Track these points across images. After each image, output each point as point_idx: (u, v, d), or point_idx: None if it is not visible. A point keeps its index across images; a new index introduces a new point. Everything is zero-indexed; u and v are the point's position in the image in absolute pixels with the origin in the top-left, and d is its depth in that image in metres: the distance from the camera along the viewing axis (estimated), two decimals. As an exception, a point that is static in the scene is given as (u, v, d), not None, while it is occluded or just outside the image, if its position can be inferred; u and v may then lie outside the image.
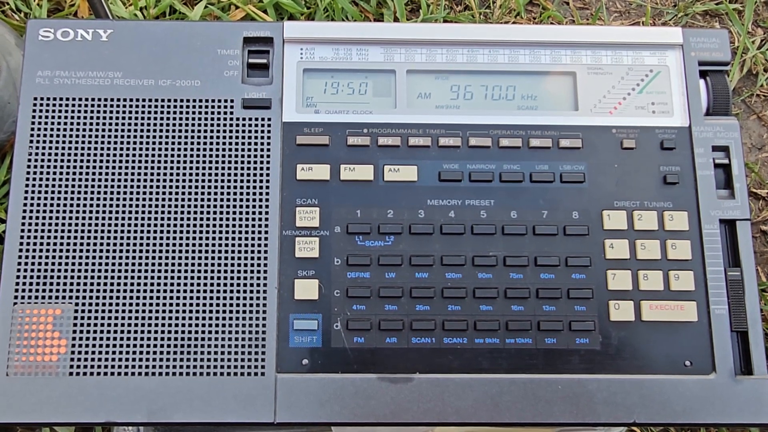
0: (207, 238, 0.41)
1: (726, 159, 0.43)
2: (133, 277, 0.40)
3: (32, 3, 0.74)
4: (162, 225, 0.41)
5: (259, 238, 0.41)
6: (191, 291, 0.40)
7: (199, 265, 0.41)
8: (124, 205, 0.41)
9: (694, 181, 0.43)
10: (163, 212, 0.41)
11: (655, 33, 0.45)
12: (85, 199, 0.41)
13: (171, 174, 0.42)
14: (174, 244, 0.41)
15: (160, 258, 0.41)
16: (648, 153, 0.43)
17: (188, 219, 0.41)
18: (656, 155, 0.43)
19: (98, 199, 0.41)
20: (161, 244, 0.41)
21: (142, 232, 0.41)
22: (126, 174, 0.42)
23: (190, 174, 0.42)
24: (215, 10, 0.74)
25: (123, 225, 0.41)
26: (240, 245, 0.41)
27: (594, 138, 0.43)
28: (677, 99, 0.44)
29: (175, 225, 0.41)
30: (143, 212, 0.41)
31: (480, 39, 0.44)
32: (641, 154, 0.43)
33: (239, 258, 0.41)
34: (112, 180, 0.42)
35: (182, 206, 0.42)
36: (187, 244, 0.41)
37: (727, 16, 0.80)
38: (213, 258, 0.41)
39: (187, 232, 0.41)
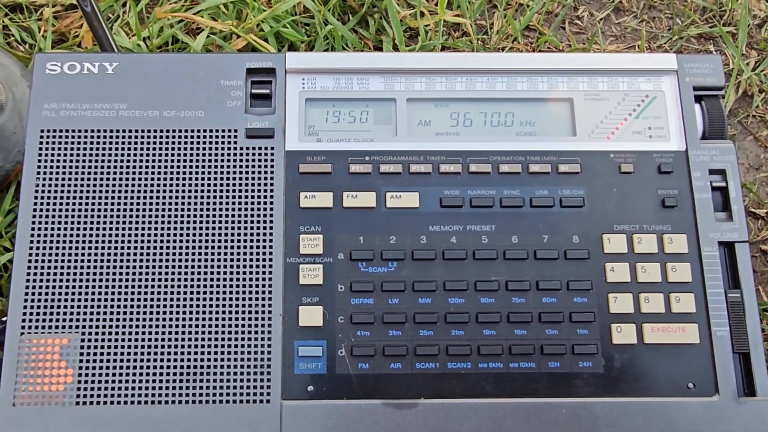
0: (211, 266, 0.42)
1: (723, 182, 0.44)
2: (138, 306, 0.41)
3: (37, 35, 0.75)
4: (167, 254, 0.42)
5: (264, 266, 0.42)
6: (196, 319, 0.41)
7: (204, 293, 0.41)
8: (130, 235, 0.42)
9: (692, 204, 0.44)
10: (167, 241, 0.42)
11: (650, 59, 0.46)
12: (91, 229, 0.42)
13: (176, 203, 0.43)
14: (178, 273, 0.41)
15: (165, 287, 0.41)
16: (646, 177, 0.44)
17: (193, 247, 0.42)
18: (654, 179, 0.44)
19: (104, 229, 0.42)
20: (166, 273, 0.41)
21: (147, 261, 0.42)
22: (132, 204, 0.42)
23: (195, 203, 0.43)
24: (217, 39, 0.75)
25: (129, 254, 0.42)
26: (244, 273, 0.42)
27: (592, 163, 0.44)
28: (673, 123, 0.45)
29: (179, 253, 0.42)
30: (149, 242, 0.42)
31: (478, 67, 0.45)
32: (639, 178, 0.44)
33: (244, 286, 0.41)
34: (118, 210, 0.42)
35: (187, 235, 0.42)
36: (192, 272, 0.41)
37: (721, 39, 0.81)
38: (218, 286, 0.41)
39: (192, 260, 0.42)
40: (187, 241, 0.42)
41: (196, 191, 0.43)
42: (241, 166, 0.43)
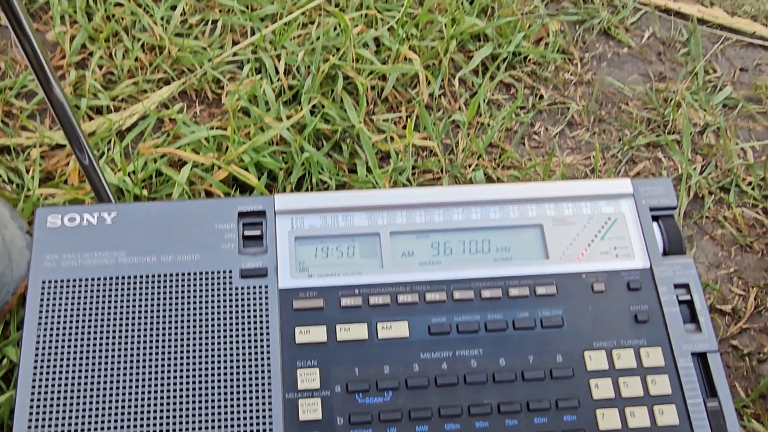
0: (212, 407, 0.42)
1: (688, 295, 0.47)
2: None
3: (25, 175, 0.78)
4: (167, 397, 0.42)
5: (263, 404, 0.43)
6: (197, 463, 0.41)
7: (204, 435, 0.42)
8: (131, 380, 0.43)
9: (663, 318, 0.47)
10: (168, 384, 0.43)
11: (608, 185, 0.50)
12: (93, 376, 0.43)
13: (175, 346, 0.44)
14: (179, 416, 0.42)
15: (166, 430, 0.42)
16: (617, 294, 0.47)
17: (193, 389, 0.43)
18: (625, 296, 0.47)
19: (106, 375, 0.43)
20: (168, 417, 0.42)
21: (149, 406, 0.42)
22: (132, 349, 0.44)
23: (194, 345, 0.44)
24: (200, 171, 0.79)
25: (130, 400, 0.42)
26: (245, 411, 0.42)
27: (566, 284, 0.47)
28: (636, 242, 0.49)
29: (180, 396, 0.43)
30: (150, 387, 0.43)
31: (453, 200, 0.49)
32: (611, 296, 0.47)
33: (245, 424, 0.42)
34: (119, 356, 0.43)
35: (187, 377, 0.43)
36: (194, 414, 0.42)
37: (667, 146, 0.88)
38: (218, 427, 0.42)
39: (193, 402, 0.42)
40: (188, 382, 0.43)
41: (194, 333, 0.44)
42: (237, 306, 0.45)
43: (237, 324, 0.45)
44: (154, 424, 0.42)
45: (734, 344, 0.72)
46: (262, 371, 0.43)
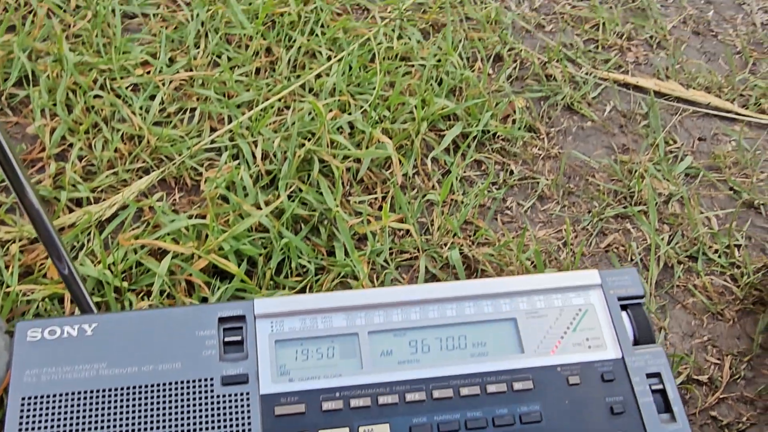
0: None
1: (660, 384, 0.49)
2: None
3: (4, 272, 0.78)
4: None
5: None
6: None
7: None
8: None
9: (638, 408, 0.48)
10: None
11: (576, 277, 0.52)
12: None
13: (156, 459, 0.44)
14: None
15: None
16: (592, 386, 0.48)
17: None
18: (600, 388, 0.48)
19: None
20: None
21: None
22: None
23: (175, 456, 0.44)
24: (180, 262, 0.80)
25: None
26: None
27: (542, 378, 0.48)
28: (607, 332, 0.50)
29: None
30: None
31: (429, 297, 0.50)
32: (586, 389, 0.48)
33: None
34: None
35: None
36: None
37: (635, 217, 0.91)
38: None
39: None
40: (169, 498, 0.43)
41: (175, 444, 0.44)
42: (219, 414, 0.45)
43: (219, 433, 0.45)
44: None
45: (713, 415, 0.73)
46: (245, 482, 0.43)
